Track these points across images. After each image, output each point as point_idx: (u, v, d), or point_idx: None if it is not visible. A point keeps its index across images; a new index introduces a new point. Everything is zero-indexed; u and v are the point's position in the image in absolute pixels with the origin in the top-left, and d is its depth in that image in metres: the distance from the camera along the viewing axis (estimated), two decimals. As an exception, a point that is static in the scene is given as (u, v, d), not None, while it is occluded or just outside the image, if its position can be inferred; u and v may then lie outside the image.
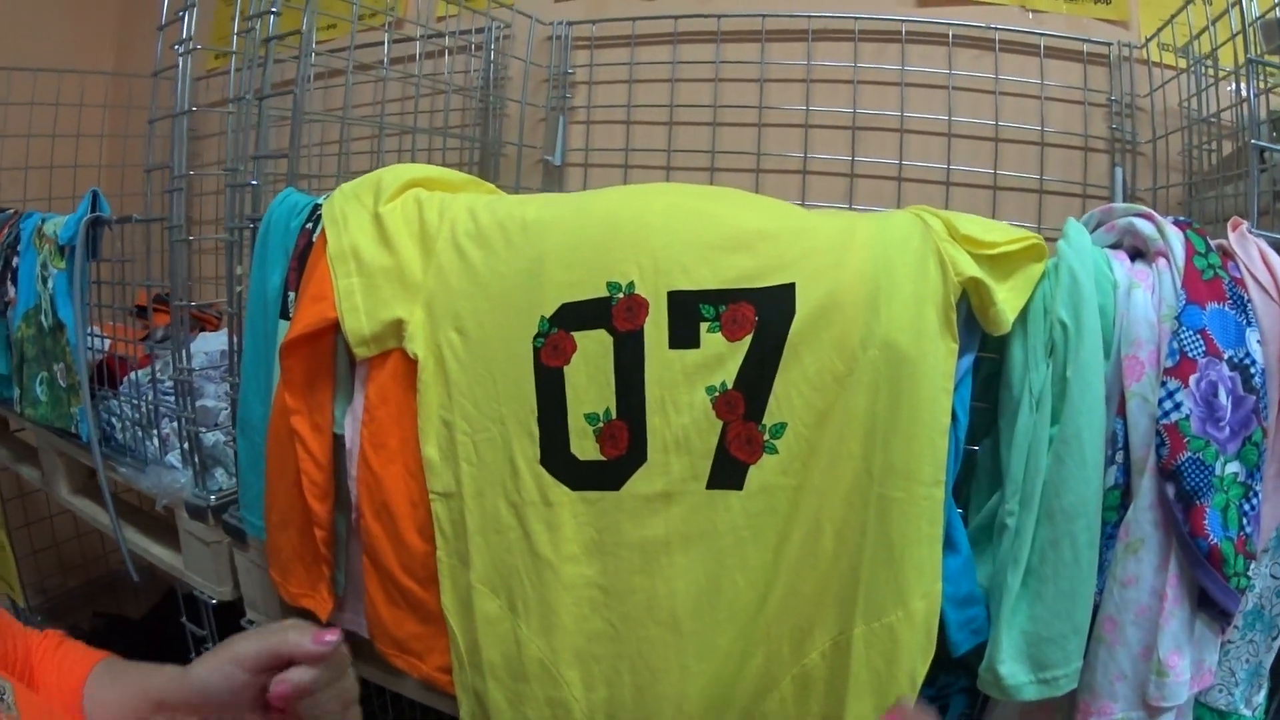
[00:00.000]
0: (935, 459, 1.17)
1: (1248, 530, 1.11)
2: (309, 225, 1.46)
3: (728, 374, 1.21)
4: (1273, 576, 1.21)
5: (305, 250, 1.45)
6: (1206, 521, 1.09)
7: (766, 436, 1.21)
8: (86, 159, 2.97)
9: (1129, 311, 1.18)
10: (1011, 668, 1.18)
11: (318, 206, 1.46)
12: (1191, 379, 1.11)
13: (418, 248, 1.34)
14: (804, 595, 1.22)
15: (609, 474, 1.26)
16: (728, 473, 1.23)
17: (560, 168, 2.32)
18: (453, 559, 1.34)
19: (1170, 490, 1.11)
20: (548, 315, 1.26)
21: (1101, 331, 1.16)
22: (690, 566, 1.25)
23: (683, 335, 1.23)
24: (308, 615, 1.54)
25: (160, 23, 1.81)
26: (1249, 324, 1.15)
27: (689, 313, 1.22)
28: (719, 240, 1.24)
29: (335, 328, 1.35)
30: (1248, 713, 1.24)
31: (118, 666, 1.10)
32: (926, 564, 1.18)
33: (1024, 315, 1.19)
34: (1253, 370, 1.12)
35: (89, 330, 2.05)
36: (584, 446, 1.27)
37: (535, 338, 1.27)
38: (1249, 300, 1.16)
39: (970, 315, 1.20)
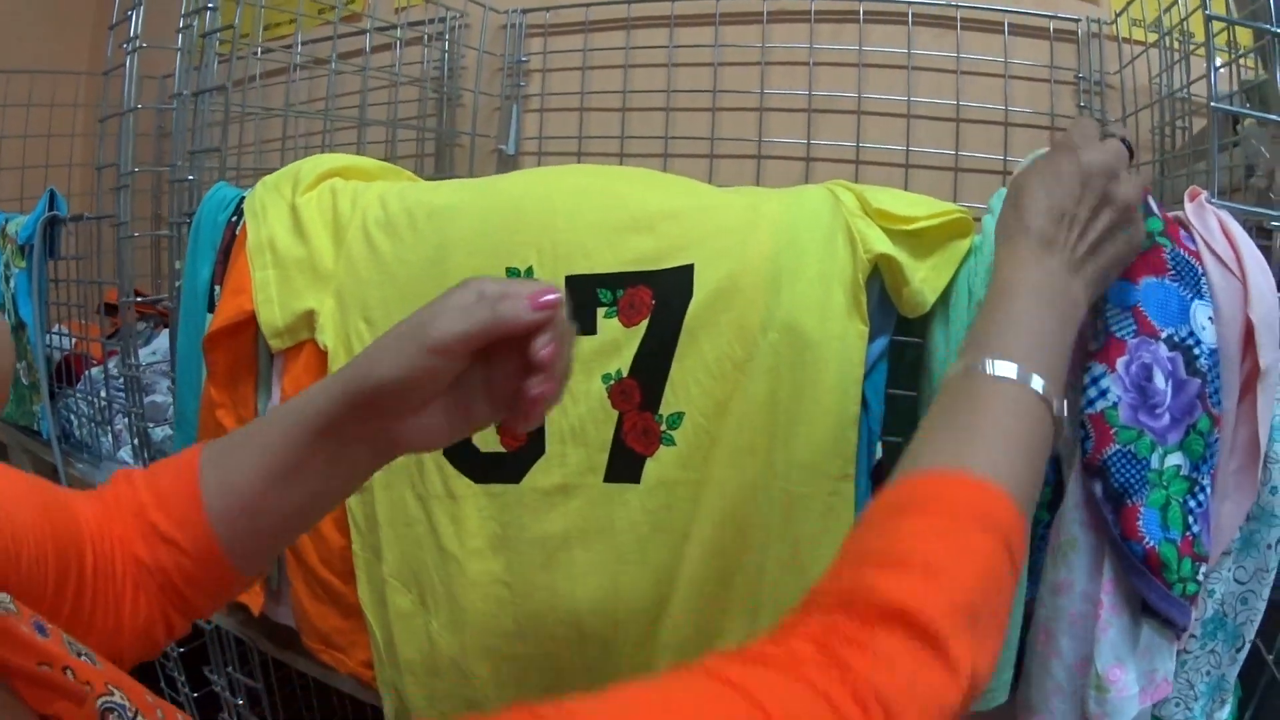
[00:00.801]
0: (843, 451, 1.11)
1: (1195, 530, 0.98)
2: (235, 218, 1.45)
3: (623, 361, 1.18)
4: (1237, 581, 1.09)
5: (232, 243, 1.43)
6: (1140, 522, 0.97)
7: (663, 427, 1.17)
8: (59, 159, 2.97)
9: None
10: None
11: (244, 200, 1.44)
12: (1119, 362, 0.99)
13: (330, 237, 1.32)
14: (709, 597, 1.18)
15: (510, 466, 1.23)
16: (624, 465, 1.19)
17: (515, 157, 2.29)
18: (366, 552, 1.32)
19: (1098, 488, 0.99)
20: None
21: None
22: (590, 564, 1.21)
23: (580, 321, 1.18)
24: (243, 609, 1.53)
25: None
26: (1198, 297, 1.02)
27: (586, 298, 1.19)
28: (622, 221, 1.20)
29: (254, 320, 1.33)
30: None
31: (225, 442, 0.91)
32: None
33: (945, 296, 1.11)
34: (1197, 351, 1.00)
35: (55, 329, 2.05)
36: (485, 438, 1.24)
37: None
38: (1203, 274, 1.04)
39: (885, 295, 1.13)
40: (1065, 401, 0.85)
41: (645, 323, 1.16)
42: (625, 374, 1.18)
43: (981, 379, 0.81)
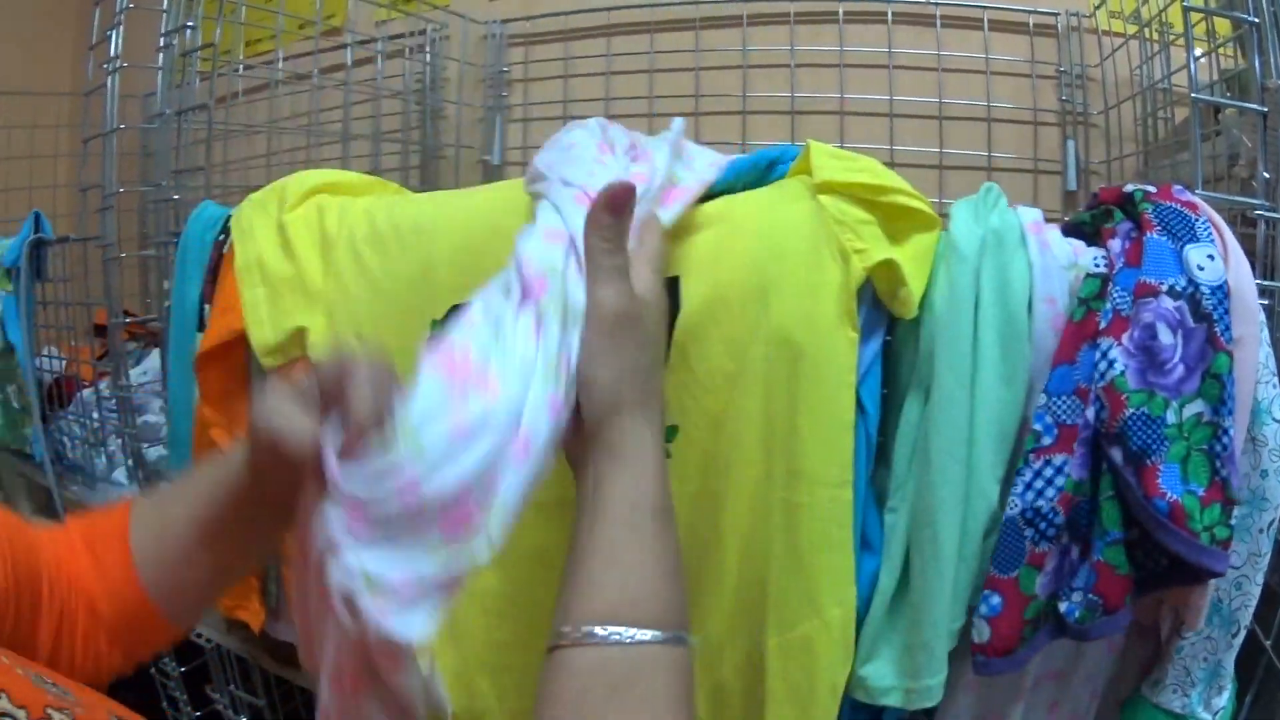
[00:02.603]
0: (840, 459, 1.11)
1: (1223, 474, 0.99)
2: (222, 237, 1.46)
3: None
4: (1231, 566, 1.08)
5: (219, 262, 1.44)
6: (1160, 480, 0.98)
7: None
8: (42, 180, 2.96)
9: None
10: (878, 669, 1.16)
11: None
12: (1124, 335, 1.03)
13: (318, 255, 1.32)
14: (710, 609, 1.18)
15: None
16: None
17: (499, 167, 2.30)
18: (362, 566, 1.31)
19: (1117, 454, 1.01)
20: (438, 319, 1.23)
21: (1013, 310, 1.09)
22: None
23: None
24: (244, 627, 1.54)
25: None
26: (1191, 241, 1.04)
27: None
28: None
29: (244, 339, 1.33)
30: (1207, 716, 1.14)
31: (154, 497, 0.97)
32: (840, 569, 1.13)
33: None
34: (1198, 293, 1.01)
35: (45, 351, 2.05)
36: None
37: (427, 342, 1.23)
38: (1196, 219, 1.06)
39: (875, 299, 1.13)
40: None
41: None
42: None
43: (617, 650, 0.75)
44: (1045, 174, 1.92)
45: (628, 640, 0.74)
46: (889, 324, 1.17)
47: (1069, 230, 1.18)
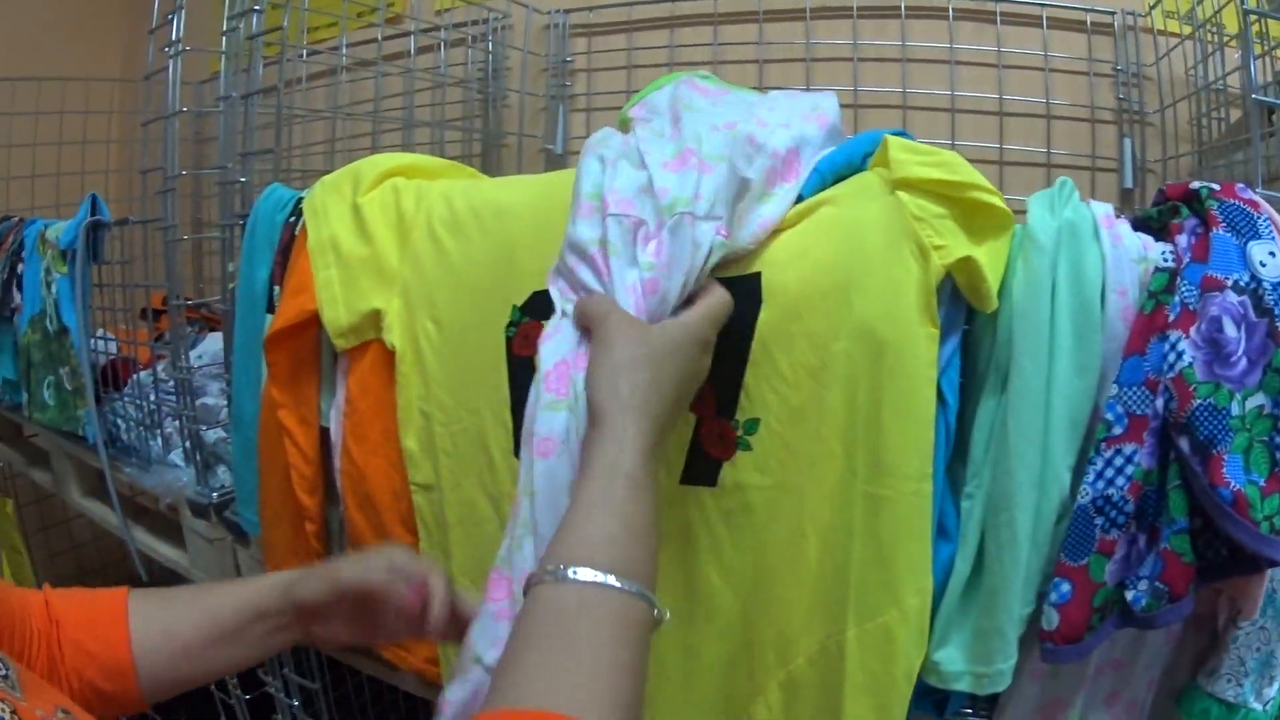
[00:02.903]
0: (922, 452, 1.12)
1: None
2: (293, 219, 1.46)
3: None
4: None
5: (290, 244, 1.45)
6: (1225, 469, 1.00)
7: (740, 433, 1.17)
8: (95, 165, 2.98)
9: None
10: (950, 654, 1.16)
11: (301, 200, 1.45)
12: (1192, 328, 1.04)
13: (394, 237, 1.33)
14: (787, 600, 1.18)
15: None
16: (700, 469, 1.19)
17: (562, 156, 2.30)
18: (435, 551, 1.32)
19: (1185, 444, 1.03)
20: (519, 304, 1.24)
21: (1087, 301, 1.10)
22: (664, 564, 1.20)
23: None
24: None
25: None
26: (1254, 238, 1.06)
27: None
28: None
29: (317, 320, 1.34)
30: (1258, 706, 1.15)
31: (158, 594, 1.12)
32: (919, 559, 1.14)
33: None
34: (1262, 290, 1.03)
35: (98, 333, 2.05)
36: None
37: (507, 326, 1.24)
38: (1259, 216, 1.07)
39: (955, 292, 1.14)
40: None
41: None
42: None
43: (572, 588, 0.82)
44: (1102, 171, 1.92)
45: (582, 580, 0.82)
46: (967, 315, 1.17)
47: (1137, 225, 1.19)
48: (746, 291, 1.14)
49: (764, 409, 1.16)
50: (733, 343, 1.15)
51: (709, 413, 1.18)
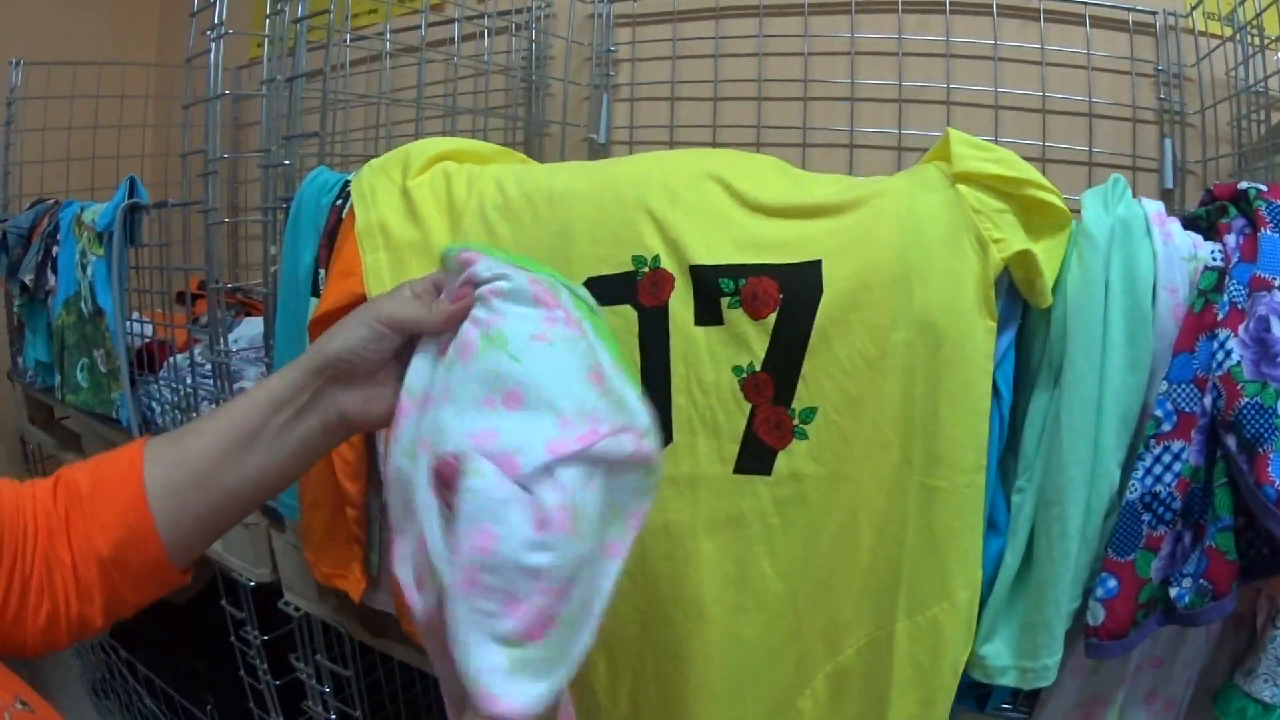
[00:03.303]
0: (977, 444, 1.13)
1: None
2: (339, 202, 1.46)
3: (754, 355, 1.17)
4: None
5: (335, 227, 1.44)
6: (1270, 468, 1.00)
7: (796, 421, 1.17)
8: (130, 150, 2.99)
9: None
10: (996, 649, 1.17)
11: (348, 184, 1.45)
12: (1240, 327, 1.05)
13: (446, 221, 1.32)
14: (838, 590, 1.19)
15: None
16: (755, 457, 1.19)
17: (605, 145, 2.31)
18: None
19: (1232, 442, 1.03)
20: None
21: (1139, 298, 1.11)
22: (716, 553, 1.21)
23: (706, 312, 1.19)
24: (338, 596, 1.54)
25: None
26: None
27: (710, 288, 1.18)
28: (742, 212, 1.20)
29: (365, 302, 1.33)
30: None
31: (178, 430, 0.99)
32: (970, 552, 1.15)
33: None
34: None
35: (133, 316, 2.06)
36: None
37: None
38: None
39: (1012, 286, 1.15)
40: None
41: (774, 316, 1.16)
42: (758, 368, 1.17)
43: None
44: (1143, 171, 1.92)
45: None
46: (1022, 311, 1.18)
47: (1186, 224, 1.19)
48: (806, 279, 1.15)
49: (821, 398, 1.16)
50: (793, 330, 1.15)
51: (765, 400, 1.18)
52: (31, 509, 0.90)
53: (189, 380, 1.94)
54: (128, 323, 2.04)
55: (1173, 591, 1.08)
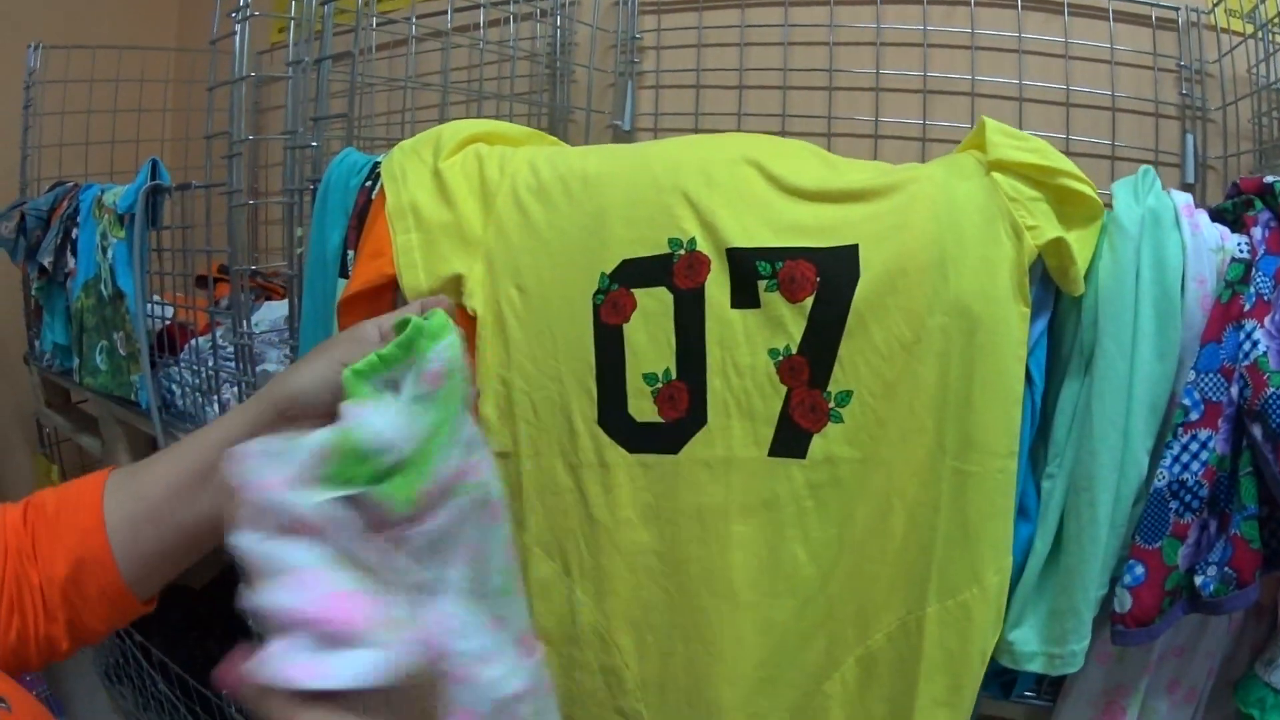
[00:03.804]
0: (1010, 430, 1.14)
1: None
2: (368, 183, 1.45)
3: (791, 338, 1.18)
4: None
5: (364, 208, 1.44)
6: None
7: (831, 405, 1.18)
8: (149, 134, 2.99)
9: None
10: (1024, 635, 1.18)
11: (377, 165, 1.45)
12: (1266, 318, 1.07)
13: (478, 203, 1.32)
14: (869, 575, 1.19)
15: (667, 437, 1.23)
16: (790, 440, 1.19)
17: (629, 133, 2.30)
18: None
19: (1258, 431, 1.05)
20: (608, 271, 1.24)
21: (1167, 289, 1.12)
22: (749, 536, 1.22)
23: (743, 295, 1.19)
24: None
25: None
26: None
27: (747, 271, 1.19)
28: (779, 196, 1.21)
29: (394, 284, 1.33)
30: None
31: (139, 463, 0.98)
32: (1001, 538, 1.15)
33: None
34: None
35: (152, 299, 2.06)
36: (641, 408, 1.24)
37: (595, 294, 1.24)
38: None
39: (1045, 274, 1.16)
40: None
41: (811, 300, 1.17)
42: (794, 351, 1.18)
43: None
44: (1164, 166, 1.92)
45: None
46: (1055, 299, 1.19)
47: (1213, 216, 1.20)
48: (844, 263, 1.16)
49: (857, 381, 1.17)
50: (830, 314, 1.16)
51: (801, 383, 1.18)
52: (2, 530, 0.91)
53: (210, 363, 1.95)
54: (148, 305, 2.04)
55: (1198, 580, 1.08)
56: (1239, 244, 1.14)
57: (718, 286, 1.20)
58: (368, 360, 0.84)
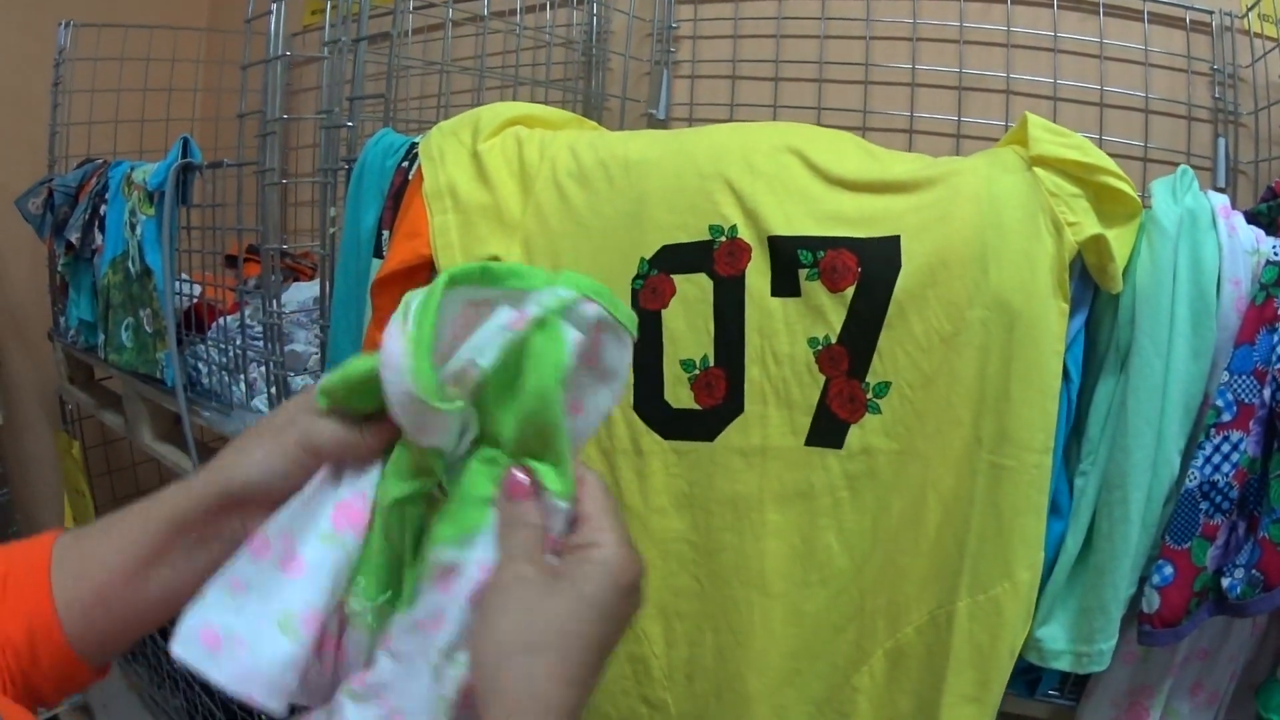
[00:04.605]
0: (1046, 425, 1.13)
1: None
2: (405, 164, 1.45)
3: (831, 328, 1.18)
4: None
5: (401, 189, 1.44)
6: None
7: (870, 395, 1.18)
8: (179, 113, 2.99)
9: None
10: (1052, 632, 1.18)
11: (414, 146, 1.45)
12: None
13: (517, 186, 1.32)
14: (902, 567, 1.19)
15: (703, 424, 1.23)
16: (828, 430, 1.20)
17: (664, 122, 2.30)
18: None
19: None
20: (648, 257, 1.24)
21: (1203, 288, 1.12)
22: (783, 526, 1.22)
23: (784, 283, 1.19)
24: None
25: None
26: None
27: (788, 259, 1.19)
28: (821, 186, 1.21)
29: (429, 265, 1.33)
30: None
31: (82, 531, 0.90)
32: (1033, 533, 1.15)
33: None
34: None
35: (179, 277, 2.06)
36: (678, 394, 1.24)
37: (634, 279, 1.25)
38: None
39: (1084, 271, 1.16)
40: None
41: (852, 290, 1.17)
42: (834, 340, 1.18)
43: None
44: (1196, 169, 1.91)
45: None
46: (1093, 296, 1.19)
47: (1248, 219, 1.20)
48: (885, 254, 1.16)
49: (895, 373, 1.17)
50: (871, 304, 1.16)
51: (839, 373, 1.18)
52: None
53: (239, 341, 1.95)
54: (175, 283, 2.05)
55: (1225, 581, 1.09)
56: (1274, 247, 1.14)
57: (758, 274, 1.20)
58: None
